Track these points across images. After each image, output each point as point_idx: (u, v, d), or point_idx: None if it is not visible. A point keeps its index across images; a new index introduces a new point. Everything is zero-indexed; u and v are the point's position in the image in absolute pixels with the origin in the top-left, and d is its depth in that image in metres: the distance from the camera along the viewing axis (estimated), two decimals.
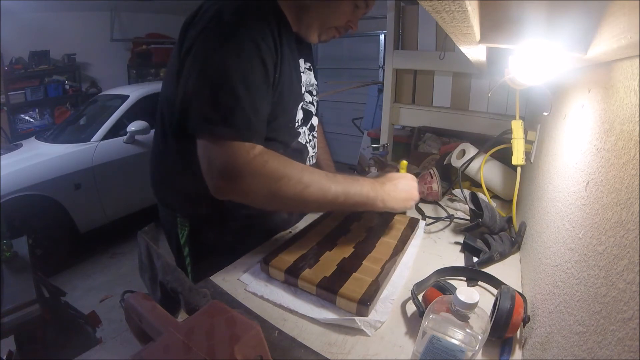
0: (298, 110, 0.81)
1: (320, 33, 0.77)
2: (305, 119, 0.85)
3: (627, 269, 0.31)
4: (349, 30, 0.79)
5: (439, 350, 0.46)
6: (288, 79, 0.73)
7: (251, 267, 0.77)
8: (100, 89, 4.35)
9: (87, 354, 0.56)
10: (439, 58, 1.37)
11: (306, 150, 0.88)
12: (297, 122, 0.82)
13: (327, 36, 0.79)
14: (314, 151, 0.93)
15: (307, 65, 0.86)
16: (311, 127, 0.89)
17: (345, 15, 0.75)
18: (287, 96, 0.75)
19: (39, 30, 3.89)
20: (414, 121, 1.61)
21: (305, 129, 0.87)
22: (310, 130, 0.89)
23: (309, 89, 0.86)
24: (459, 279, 0.73)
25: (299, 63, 0.81)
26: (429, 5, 0.36)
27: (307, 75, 0.85)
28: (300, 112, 0.81)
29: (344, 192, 0.68)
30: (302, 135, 0.86)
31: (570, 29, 0.41)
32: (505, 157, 1.04)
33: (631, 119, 0.36)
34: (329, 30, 0.77)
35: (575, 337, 0.38)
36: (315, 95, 0.90)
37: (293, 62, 0.76)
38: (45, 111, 4.12)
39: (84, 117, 3.04)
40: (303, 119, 0.84)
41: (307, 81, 0.85)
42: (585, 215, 0.45)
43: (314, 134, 0.92)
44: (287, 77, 0.73)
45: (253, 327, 0.37)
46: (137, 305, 0.43)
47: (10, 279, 1.20)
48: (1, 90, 3.65)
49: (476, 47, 0.55)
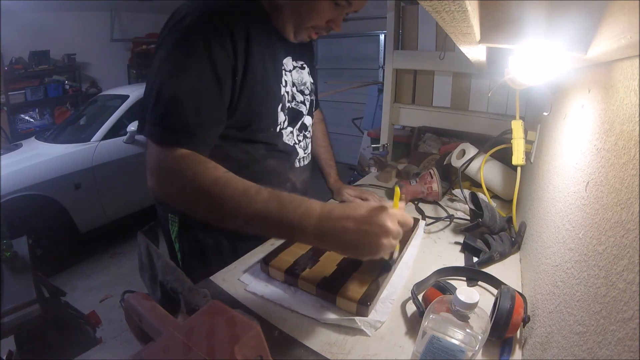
0: (278, 112, 0.77)
1: (296, 32, 0.73)
2: (292, 120, 0.82)
3: (627, 269, 0.31)
4: (330, 31, 0.74)
5: (439, 350, 0.46)
6: (260, 82, 0.70)
7: (251, 267, 0.77)
8: (100, 89, 4.35)
9: (87, 354, 0.56)
10: (439, 58, 1.37)
11: (295, 152, 0.85)
12: (280, 124, 0.79)
13: (303, 36, 0.74)
14: (306, 152, 0.90)
15: (299, 63, 0.83)
16: (302, 127, 0.86)
17: (323, 15, 0.70)
18: (261, 100, 0.72)
19: (39, 30, 3.89)
20: (414, 121, 1.61)
21: (294, 130, 0.84)
22: (300, 130, 0.86)
23: (300, 89, 0.83)
24: (459, 279, 0.73)
25: (282, 62, 0.77)
26: (429, 5, 0.36)
27: (298, 74, 0.82)
28: (282, 114, 0.78)
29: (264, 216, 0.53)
30: (290, 136, 0.83)
31: (570, 29, 0.41)
32: (505, 157, 1.04)
33: (631, 119, 0.36)
34: (305, 30, 0.73)
35: (575, 337, 0.38)
36: (309, 94, 0.87)
37: (272, 63, 0.73)
38: (45, 111, 4.12)
39: (84, 117, 3.04)
40: (289, 120, 0.80)
41: (298, 80, 0.82)
42: (585, 215, 0.45)
43: (305, 134, 0.89)
44: (259, 81, 0.70)
45: (253, 327, 0.37)
46: (137, 305, 0.43)
47: (10, 279, 1.20)
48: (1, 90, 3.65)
49: (476, 47, 0.55)
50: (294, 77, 0.81)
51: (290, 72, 0.80)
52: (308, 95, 0.87)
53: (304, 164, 0.90)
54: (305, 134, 0.88)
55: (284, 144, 0.82)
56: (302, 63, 0.84)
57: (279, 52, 0.76)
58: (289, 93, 0.80)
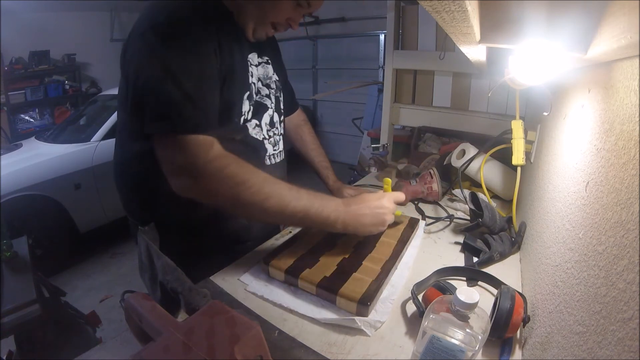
0: (244, 101, 0.77)
1: (255, 29, 0.75)
2: (256, 112, 0.81)
3: (627, 269, 0.31)
4: (288, 29, 0.77)
5: (439, 350, 0.46)
6: (230, 69, 0.72)
7: (251, 267, 0.77)
8: (100, 89, 4.36)
9: (87, 354, 0.56)
10: (439, 58, 1.37)
11: (263, 147, 0.84)
12: (244, 114, 0.78)
13: (261, 34, 0.77)
14: (276, 150, 0.89)
15: (264, 59, 0.84)
16: (271, 122, 0.86)
17: (284, 13, 0.73)
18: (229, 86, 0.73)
19: (39, 30, 3.90)
20: (414, 121, 1.61)
21: (261, 124, 0.83)
22: (271, 126, 0.86)
23: (265, 82, 0.84)
24: (459, 279, 0.74)
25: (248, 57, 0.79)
26: (429, 5, 0.36)
27: (263, 69, 0.83)
28: (247, 103, 0.78)
29: (304, 209, 0.67)
30: (258, 130, 0.82)
31: (570, 29, 0.41)
32: (505, 157, 1.04)
33: (631, 119, 0.36)
34: (265, 26, 0.75)
35: (575, 337, 0.38)
36: (275, 89, 0.87)
37: (240, 56, 0.75)
38: (45, 111, 4.13)
39: (84, 117, 3.04)
40: (252, 111, 0.80)
41: (263, 75, 0.83)
42: (585, 215, 0.45)
43: (275, 131, 0.88)
44: (229, 67, 0.72)
45: (253, 327, 0.37)
46: (137, 305, 0.43)
47: (10, 279, 1.20)
48: (1, 90, 3.65)
49: (476, 47, 0.55)
50: (259, 71, 0.82)
51: (256, 67, 0.81)
52: (274, 90, 0.86)
53: (276, 161, 0.88)
54: (274, 131, 0.87)
55: (250, 138, 0.81)
56: (267, 59, 0.86)
57: (245, 48, 0.78)
58: (255, 84, 0.80)
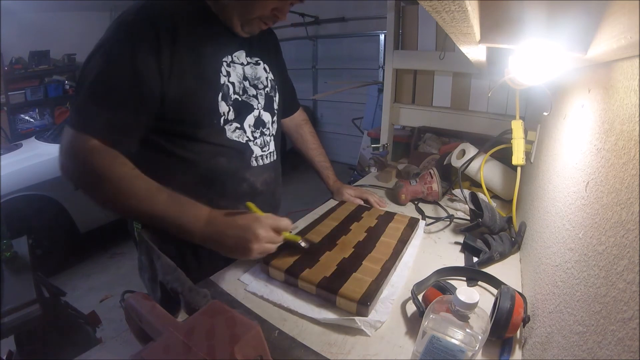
0: (219, 102, 0.75)
1: (243, 24, 0.74)
2: (238, 113, 0.79)
3: (627, 269, 0.31)
4: (276, 21, 0.75)
5: (439, 350, 0.46)
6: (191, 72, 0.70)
7: (251, 267, 0.77)
8: None
9: (87, 354, 0.56)
10: (439, 58, 1.38)
11: (249, 149, 0.82)
12: (224, 115, 0.76)
13: (252, 28, 0.75)
14: (265, 151, 0.86)
15: (254, 59, 0.83)
16: (258, 123, 0.84)
17: (267, 4, 0.71)
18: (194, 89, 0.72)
19: (39, 30, 3.90)
20: (414, 121, 1.61)
21: (244, 125, 0.81)
22: (257, 127, 0.83)
23: (253, 83, 0.83)
24: (459, 279, 0.74)
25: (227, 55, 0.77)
26: (429, 5, 0.36)
27: (251, 69, 0.82)
28: (223, 104, 0.76)
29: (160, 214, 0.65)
30: (240, 133, 0.80)
31: (570, 29, 0.41)
32: (505, 157, 1.04)
33: (631, 119, 0.36)
34: (252, 21, 0.74)
35: (575, 337, 0.38)
36: (263, 89, 0.85)
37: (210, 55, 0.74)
38: (45, 111, 4.12)
39: None
40: (234, 112, 0.78)
41: (251, 75, 0.82)
42: (585, 215, 0.45)
43: (263, 131, 0.85)
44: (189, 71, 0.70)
45: (253, 327, 0.37)
46: (137, 305, 0.43)
47: (10, 279, 1.20)
48: (1, 90, 3.65)
49: (476, 47, 0.55)
50: (246, 71, 0.81)
51: (242, 66, 0.80)
52: (262, 90, 0.85)
53: (264, 162, 0.86)
54: (263, 131, 0.85)
55: (232, 141, 0.79)
56: (257, 59, 0.85)
57: (225, 46, 0.77)
58: (234, 84, 0.78)
